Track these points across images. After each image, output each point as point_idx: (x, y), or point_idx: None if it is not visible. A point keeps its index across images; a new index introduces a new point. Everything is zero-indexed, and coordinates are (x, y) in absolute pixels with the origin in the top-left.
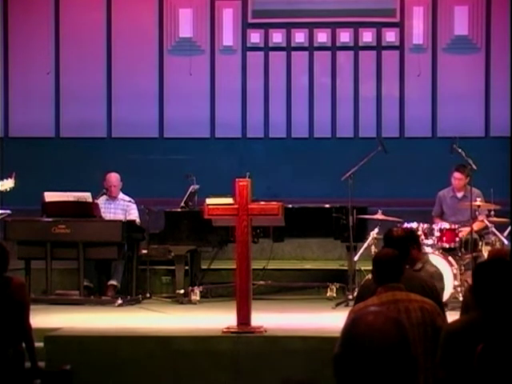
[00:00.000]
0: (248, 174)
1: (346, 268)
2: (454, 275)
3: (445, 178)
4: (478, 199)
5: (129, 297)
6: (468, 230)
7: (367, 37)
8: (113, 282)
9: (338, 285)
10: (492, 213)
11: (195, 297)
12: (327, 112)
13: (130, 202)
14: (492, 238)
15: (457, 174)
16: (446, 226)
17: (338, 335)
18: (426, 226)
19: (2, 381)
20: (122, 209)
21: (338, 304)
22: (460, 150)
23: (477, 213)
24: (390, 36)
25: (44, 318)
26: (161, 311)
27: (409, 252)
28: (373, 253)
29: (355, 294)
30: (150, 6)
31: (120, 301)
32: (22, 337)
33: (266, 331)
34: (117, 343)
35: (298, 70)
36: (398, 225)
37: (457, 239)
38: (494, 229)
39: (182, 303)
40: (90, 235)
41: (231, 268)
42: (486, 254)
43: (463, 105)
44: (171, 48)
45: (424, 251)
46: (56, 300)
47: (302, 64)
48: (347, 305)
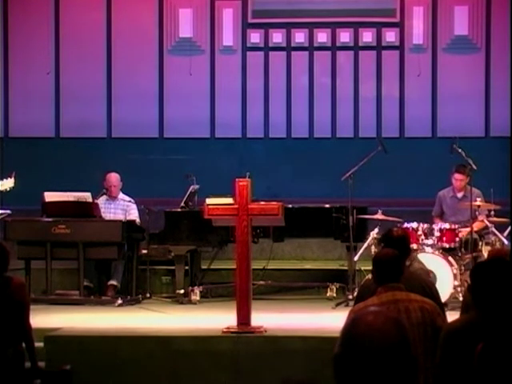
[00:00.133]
0: (248, 173)
1: (345, 268)
2: (454, 275)
3: (445, 178)
4: (478, 199)
5: (129, 297)
6: (468, 230)
7: (367, 37)
8: (113, 282)
9: (337, 285)
10: (492, 213)
11: (195, 297)
12: (327, 112)
13: (130, 202)
14: (492, 237)
15: (458, 175)
16: (446, 226)
17: (338, 335)
18: (426, 225)
19: (1, 381)
20: (122, 209)
21: (338, 304)
22: (460, 150)
23: (477, 213)
24: (390, 36)
25: (44, 318)
26: (161, 311)
27: (409, 252)
28: (373, 253)
29: (355, 294)
30: (150, 6)
31: (120, 301)
32: (22, 337)
33: (265, 331)
34: (117, 343)
35: (298, 70)
36: (398, 225)
37: (457, 239)
38: (493, 229)
39: (182, 303)
40: (90, 235)
41: (231, 268)
42: (485, 254)
43: (463, 105)
44: (171, 48)
45: (418, 249)
46: (56, 300)
47: (302, 64)
48: (347, 305)
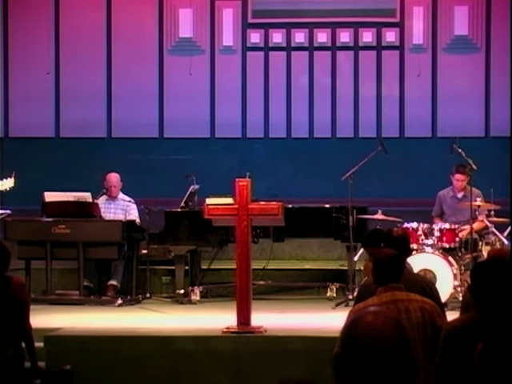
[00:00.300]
0: (248, 174)
1: (345, 268)
2: (454, 275)
3: (445, 178)
4: (478, 199)
5: (129, 297)
6: (468, 230)
7: (367, 37)
8: (113, 282)
9: (338, 285)
10: (492, 213)
11: (195, 297)
12: (327, 112)
13: (130, 202)
14: (492, 237)
15: (459, 176)
16: (446, 226)
17: (338, 335)
18: (426, 225)
19: (1, 381)
20: (121, 209)
21: (338, 304)
22: (460, 150)
23: (477, 213)
24: (390, 36)
25: (44, 318)
26: (161, 311)
27: (409, 252)
28: None
29: (355, 294)
30: (150, 6)
31: (120, 301)
32: (22, 337)
33: (265, 331)
34: (117, 343)
35: (297, 70)
36: (398, 225)
37: (457, 239)
38: (493, 229)
39: (182, 303)
40: (90, 235)
41: (231, 268)
42: (485, 254)
43: (463, 105)
44: (171, 48)
45: (418, 249)
46: (56, 300)
47: (302, 64)
48: (347, 305)
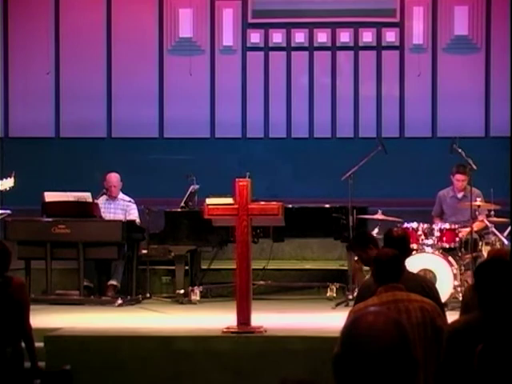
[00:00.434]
0: (248, 174)
1: (346, 268)
2: (454, 275)
3: (445, 178)
4: (478, 199)
5: (129, 297)
6: (468, 230)
7: (367, 37)
8: (113, 282)
9: (338, 285)
10: (492, 213)
11: (195, 297)
12: (327, 112)
13: (130, 202)
14: (492, 237)
15: (460, 176)
16: (446, 226)
17: (338, 335)
18: (426, 226)
19: (1, 380)
20: (121, 209)
21: (338, 304)
22: (460, 150)
23: (477, 213)
24: (390, 36)
25: (44, 318)
26: (161, 311)
27: (409, 252)
28: None
29: (355, 294)
30: (150, 6)
31: (120, 301)
32: (22, 337)
33: (265, 331)
34: (117, 343)
35: (297, 70)
36: (398, 225)
37: (457, 239)
38: (493, 229)
39: (182, 303)
40: (90, 235)
41: (231, 268)
42: (485, 254)
43: (463, 105)
44: (171, 48)
45: (418, 249)
46: (56, 300)
47: (302, 64)
48: (347, 305)
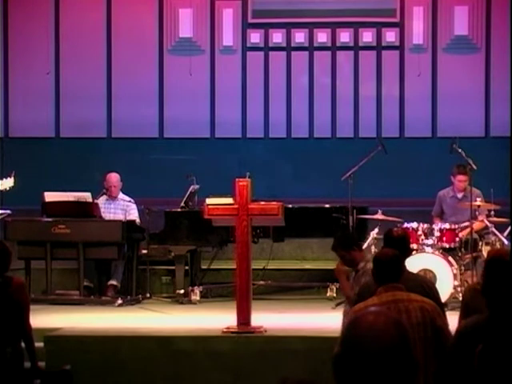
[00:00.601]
0: (248, 174)
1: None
2: (454, 275)
3: (445, 178)
4: (478, 199)
5: (129, 297)
6: (468, 230)
7: (367, 37)
8: (113, 282)
9: (338, 285)
10: (492, 213)
11: (195, 297)
12: (327, 112)
13: (130, 202)
14: (492, 237)
15: (461, 177)
16: (446, 226)
17: (338, 335)
18: (426, 226)
19: (1, 380)
20: (121, 209)
21: (338, 304)
22: (460, 150)
23: (477, 213)
24: (390, 36)
25: (44, 318)
26: (161, 311)
27: (409, 252)
28: (373, 253)
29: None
30: (150, 5)
31: (120, 301)
32: (22, 337)
33: (265, 331)
34: (117, 343)
35: (297, 70)
36: (398, 225)
37: (457, 239)
38: (493, 229)
39: (182, 303)
40: (90, 235)
41: (231, 268)
42: (485, 254)
43: (463, 105)
44: (171, 48)
45: (418, 249)
46: (56, 300)
47: (302, 64)
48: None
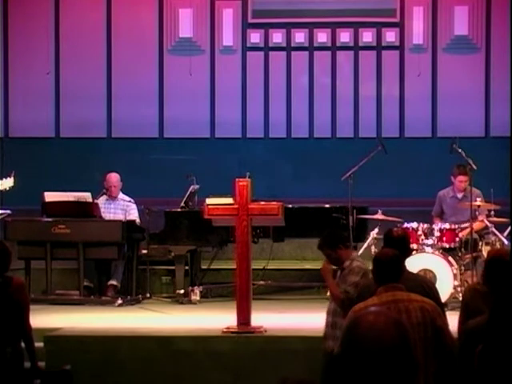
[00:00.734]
0: (248, 174)
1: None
2: (454, 275)
3: (445, 178)
4: (478, 199)
5: (129, 297)
6: (468, 230)
7: (367, 37)
8: (113, 282)
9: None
10: (492, 213)
11: (195, 297)
12: (327, 112)
13: (130, 202)
14: (492, 237)
15: (462, 177)
16: (446, 226)
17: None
18: (426, 225)
19: (1, 380)
20: (121, 209)
21: None
22: (460, 150)
23: (477, 213)
24: (390, 36)
25: (44, 318)
26: (161, 311)
27: (409, 252)
28: (373, 253)
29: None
30: (150, 5)
31: (120, 301)
32: (22, 337)
33: (265, 331)
34: (117, 343)
35: (297, 70)
36: (398, 225)
37: (457, 239)
38: (493, 229)
39: (182, 303)
40: (90, 235)
41: (231, 268)
42: (485, 254)
43: (463, 105)
44: (171, 48)
45: (418, 249)
46: (56, 300)
47: (302, 64)
48: None
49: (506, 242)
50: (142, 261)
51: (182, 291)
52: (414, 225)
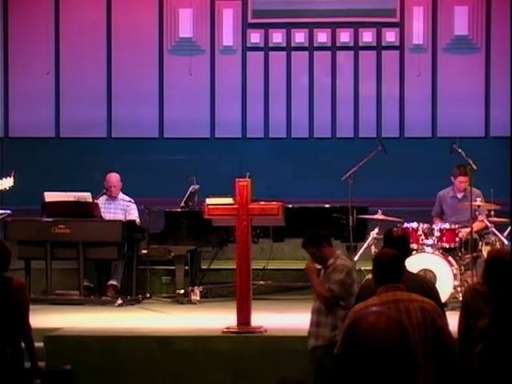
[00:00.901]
0: (248, 174)
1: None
2: (454, 275)
3: (445, 178)
4: (478, 199)
5: (129, 297)
6: (468, 230)
7: (367, 37)
8: (113, 282)
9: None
10: (492, 213)
11: (195, 297)
12: (327, 112)
13: (130, 202)
14: (492, 237)
15: (462, 178)
16: (446, 226)
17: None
18: (426, 225)
19: (1, 380)
20: (121, 209)
21: None
22: (460, 150)
23: (477, 213)
24: (390, 36)
25: (44, 318)
26: (161, 311)
27: (409, 252)
28: (373, 253)
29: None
30: (150, 5)
31: (120, 301)
32: (22, 337)
33: (265, 331)
34: (117, 343)
35: (297, 70)
36: (398, 225)
37: (457, 239)
38: (493, 229)
39: (182, 303)
40: (90, 235)
41: (231, 268)
42: (485, 254)
43: (463, 105)
44: (171, 48)
45: (418, 249)
46: (56, 300)
47: (302, 64)
48: None
49: (506, 242)
50: (142, 261)
51: (182, 291)
52: (414, 225)
